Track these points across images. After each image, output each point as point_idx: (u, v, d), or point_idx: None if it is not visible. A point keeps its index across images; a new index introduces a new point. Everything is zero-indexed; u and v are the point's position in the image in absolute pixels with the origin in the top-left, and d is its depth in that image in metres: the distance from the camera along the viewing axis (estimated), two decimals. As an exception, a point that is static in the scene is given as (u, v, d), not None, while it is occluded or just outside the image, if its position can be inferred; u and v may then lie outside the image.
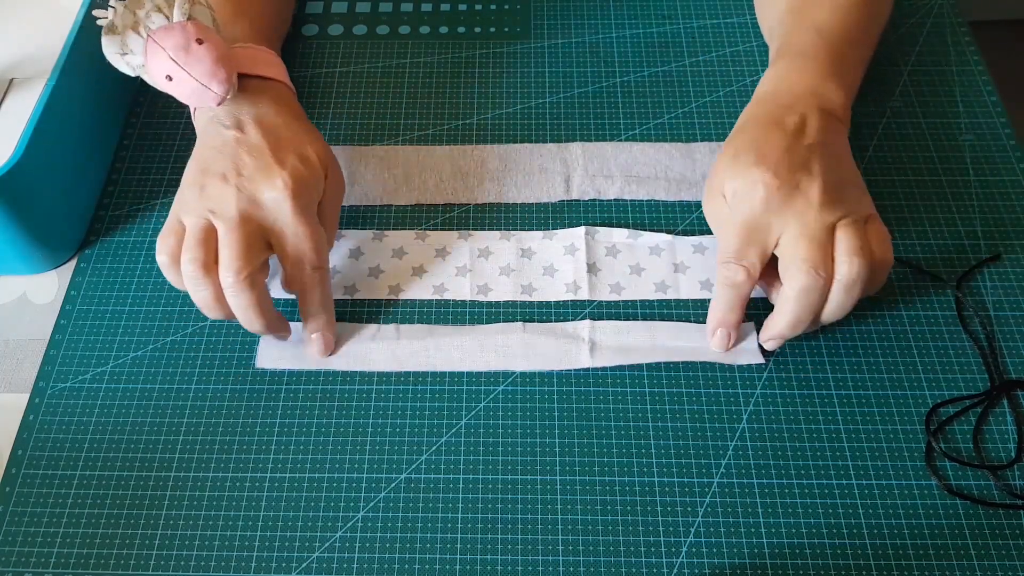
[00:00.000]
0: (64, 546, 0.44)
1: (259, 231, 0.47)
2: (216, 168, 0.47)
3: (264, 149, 0.48)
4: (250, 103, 0.49)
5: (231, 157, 0.47)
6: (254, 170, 0.47)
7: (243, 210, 0.46)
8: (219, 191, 0.46)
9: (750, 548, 0.43)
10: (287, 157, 0.48)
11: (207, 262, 0.45)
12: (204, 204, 0.46)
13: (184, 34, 0.45)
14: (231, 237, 0.46)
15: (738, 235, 0.47)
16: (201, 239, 0.46)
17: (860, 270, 0.44)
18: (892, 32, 0.65)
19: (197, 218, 0.46)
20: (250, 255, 0.46)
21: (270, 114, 0.49)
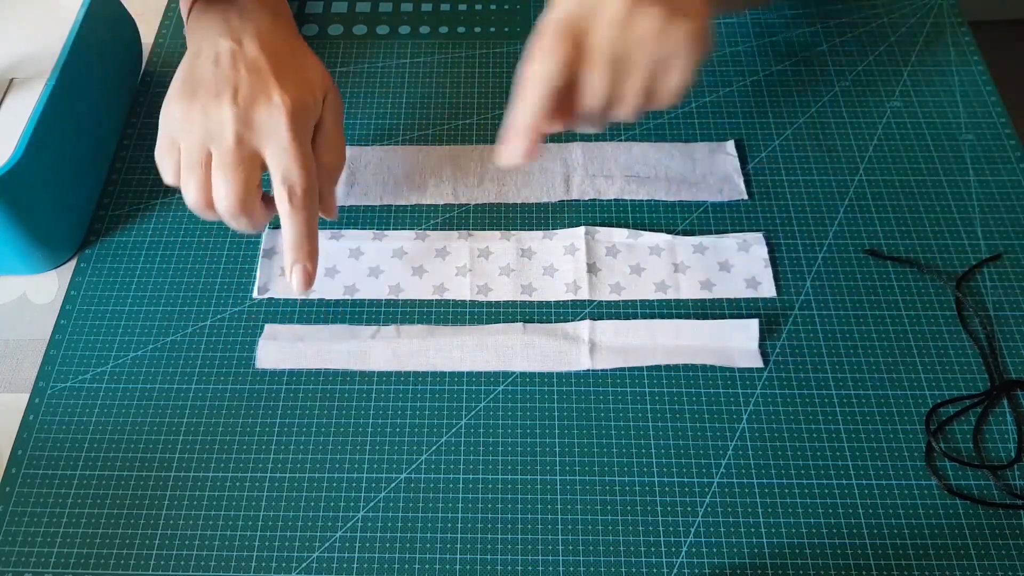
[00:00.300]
0: (64, 546, 0.44)
1: (254, 153, 0.46)
2: (211, 84, 0.46)
3: (263, 66, 0.47)
4: (248, 11, 0.49)
5: (228, 72, 0.46)
6: (252, 89, 0.46)
7: (239, 134, 0.45)
8: (215, 113, 0.45)
9: (750, 548, 0.43)
10: (288, 77, 0.47)
11: (207, 193, 0.46)
12: (200, 128, 0.46)
13: None
14: (228, 167, 0.45)
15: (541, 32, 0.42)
16: (200, 169, 0.46)
17: None
18: (892, 32, 0.65)
19: (192, 144, 0.46)
20: (248, 185, 0.46)
21: (268, 27, 0.49)
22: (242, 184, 0.45)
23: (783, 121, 0.60)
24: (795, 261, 0.53)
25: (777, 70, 0.63)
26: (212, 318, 0.51)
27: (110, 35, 0.60)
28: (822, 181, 0.57)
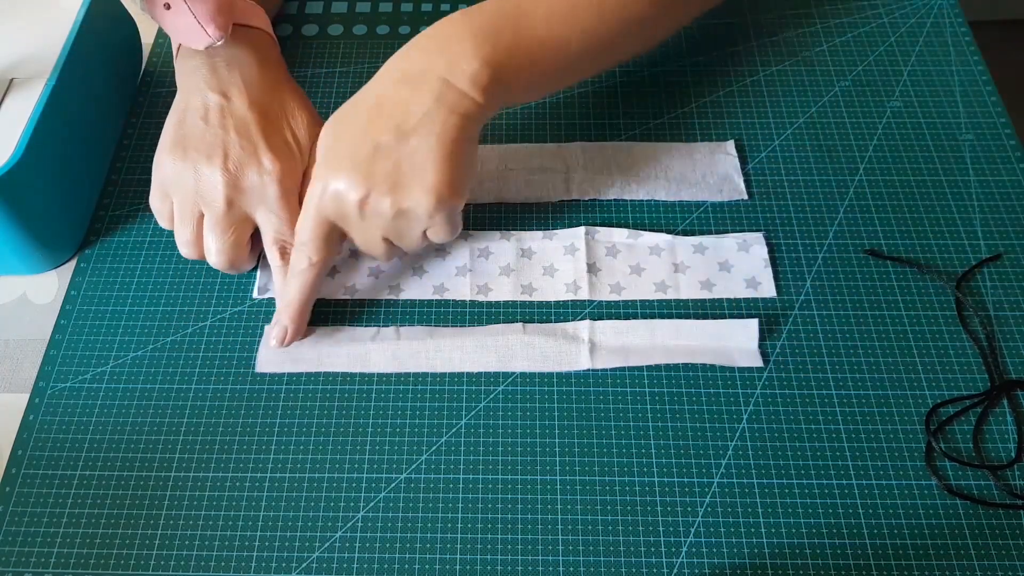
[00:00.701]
0: (64, 546, 0.44)
1: (245, 216, 0.49)
2: (202, 144, 0.48)
3: (251, 125, 0.49)
4: (236, 61, 0.50)
5: (218, 131, 0.48)
6: (241, 153, 0.48)
7: (230, 198, 0.48)
8: (207, 177, 0.48)
9: (750, 548, 0.43)
10: (274, 136, 0.49)
11: (200, 248, 0.50)
12: (192, 189, 0.48)
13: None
14: (220, 229, 0.49)
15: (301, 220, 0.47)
16: (192, 227, 0.49)
17: None
18: (892, 32, 0.65)
19: (185, 202, 0.49)
20: (238, 245, 0.49)
21: (256, 77, 0.50)
22: (232, 245, 0.49)
23: (783, 121, 0.60)
24: (795, 261, 0.53)
25: (777, 70, 0.64)
26: (212, 318, 0.51)
27: (110, 35, 0.60)
28: (822, 181, 0.57)
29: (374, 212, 0.45)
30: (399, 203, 0.45)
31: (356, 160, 0.45)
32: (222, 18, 0.47)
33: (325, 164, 0.46)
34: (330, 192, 0.46)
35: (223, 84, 0.49)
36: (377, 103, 0.46)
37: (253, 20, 0.51)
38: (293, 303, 0.48)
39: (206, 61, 0.49)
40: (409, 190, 0.45)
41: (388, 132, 0.45)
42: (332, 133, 0.47)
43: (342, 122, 0.47)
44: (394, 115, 0.45)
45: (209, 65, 0.49)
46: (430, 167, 0.45)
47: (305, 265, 0.48)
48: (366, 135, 0.45)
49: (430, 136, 0.45)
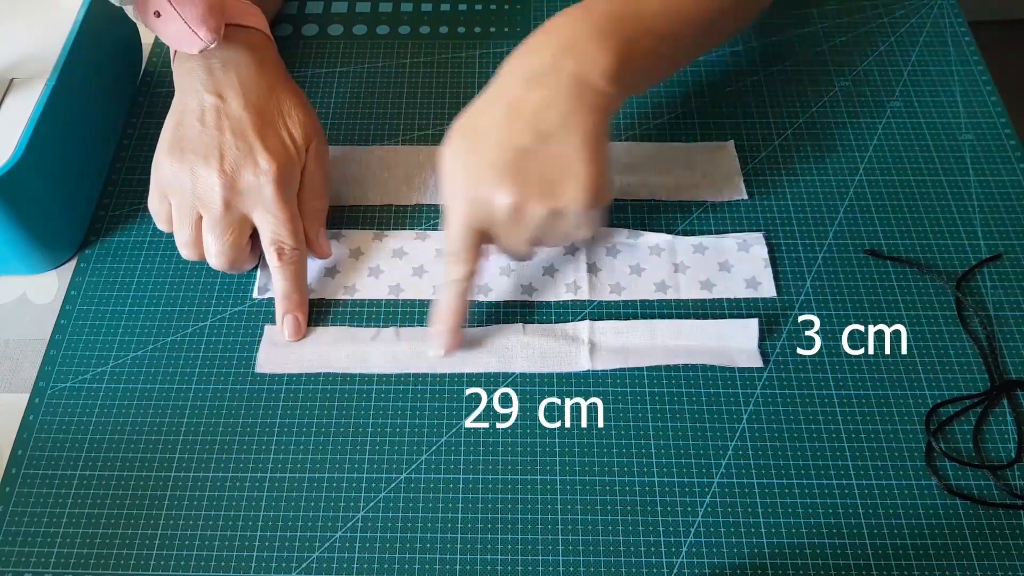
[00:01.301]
0: (64, 546, 0.44)
1: (242, 216, 0.49)
2: (199, 146, 0.48)
3: (246, 126, 0.49)
4: (232, 62, 0.50)
5: (214, 132, 0.48)
6: (237, 154, 0.48)
7: (227, 200, 0.48)
8: (204, 179, 0.48)
9: (750, 548, 0.43)
10: (269, 136, 0.49)
11: (199, 249, 0.50)
12: (190, 191, 0.48)
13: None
14: (218, 230, 0.49)
15: (452, 236, 0.47)
16: (190, 228, 0.49)
17: None
18: (892, 32, 0.65)
19: (183, 204, 0.49)
20: (237, 245, 0.50)
21: (252, 77, 0.50)
22: (231, 245, 0.49)
23: (783, 121, 0.60)
24: (795, 261, 0.53)
25: (777, 70, 0.64)
26: (212, 318, 0.51)
27: (110, 35, 0.60)
28: (822, 181, 0.57)
29: (528, 216, 0.45)
30: (554, 205, 0.44)
31: (502, 167, 0.44)
32: (213, 20, 0.47)
33: (467, 174, 0.45)
34: (479, 201, 0.45)
35: (219, 85, 0.49)
36: (510, 107, 0.45)
37: (248, 20, 0.51)
38: (445, 313, 0.48)
39: (202, 63, 0.50)
40: (562, 191, 0.44)
41: (529, 135, 0.44)
42: (465, 143, 0.46)
43: (474, 131, 0.46)
44: (532, 117, 0.44)
45: (205, 67, 0.49)
46: (579, 166, 0.44)
47: (459, 275, 0.47)
48: (507, 140, 0.44)
49: (574, 135, 0.44)
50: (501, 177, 0.44)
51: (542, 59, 0.45)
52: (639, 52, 0.46)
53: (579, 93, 0.44)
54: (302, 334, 0.50)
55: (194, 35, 0.46)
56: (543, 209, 0.44)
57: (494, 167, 0.44)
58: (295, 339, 0.50)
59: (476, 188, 0.45)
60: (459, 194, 0.46)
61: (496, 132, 0.45)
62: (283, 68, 0.53)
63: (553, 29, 0.46)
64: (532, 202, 0.44)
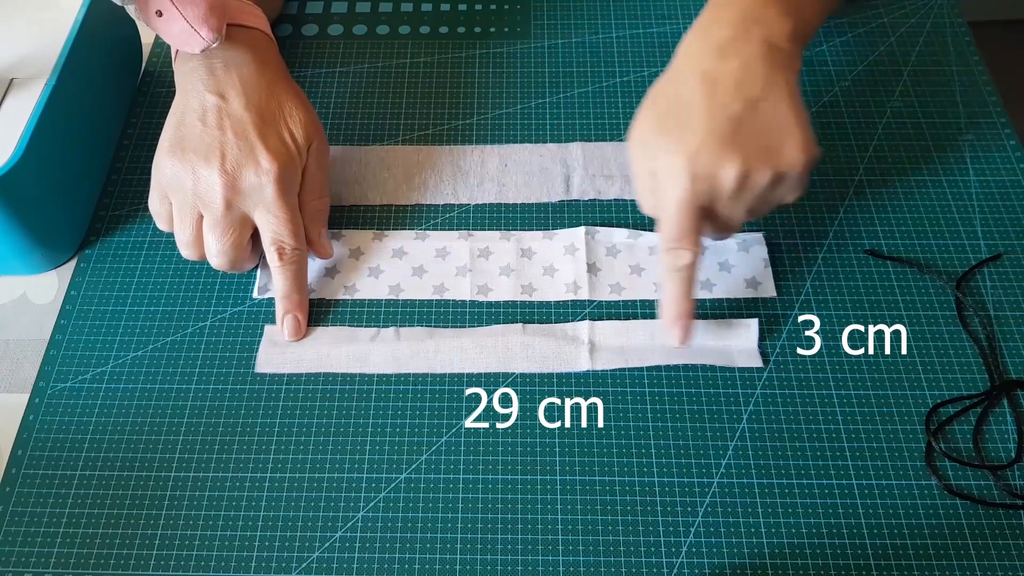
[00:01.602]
0: (64, 546, 0.44)
1: (243, 216, 0.49)
2: (200, 146, 0.48)
3: (247, 126, 0.49)
4: (233, 61, 0.50)
5: (215, 132, 0.48)
6: (238, 154, 0.48)
7: (228, 200, 0.48)
8: (205, 178, 0.48)
9: (750, 548, 0.43)
10: (270, 136, 0.49)
11: (200, 249, 0.50)
12: (191, 191, 0.48)
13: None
14: (219, 230, 0.49)
15: (674, 219, 0.46)
16: (191, 228, 0.49)
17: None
18: (892, 32, 0.65)
19: (184, 204, 0.49)
20: (238, 245, 0.50)
21: (253, 77, 0.50)
22: (232, 245, 0.49)
23: (783, 121, 0.60)
24: (795, 261, 0.53)
25: (777, 70, 0.63)
26: (212, 318, 0.51)
27: (110, 35, 0.60)
28: (822, 181, 0.57)
29: (752, 184, 0.44)
30: (776, 169, 0.44)
31: (722, 137, 0.44)
32: (215, 20, 0.47)
33: (684, 150, 0.44)
34: (702, 177, 0.44)
35: (220, 85, 0.49)
36: (706, 78, 0.45)
37: (250, 20, 0.51)
38: (680, 301, 0.47)
39: (203, 63, 0.50)
40: (782, 154, 0.44)
41: (738, 102, 0.44)
42: (669, 120, 0.45)
43: (674, 107, 0.45)
44: (736, 85, 0.44)
45: (206, 67, 0.49)
46: (792, 127, 0.44)
47: (688, 260, 0.46)
48: (718, 111, 0.44)
49: (780, 98, 0.45)
50: (724, 147, 0.44)
51: (727, 31, 0.46)
52: (809, 10, 0.48)
53: (772, 57, 0.45)
54: (302, 334, 0.50)
55: (196, 34, 0.46)
56: (768, 174, 0.44)
57: (714, 137, 0.44)
58: (295, 339, 0.50)
59: (698, 162, 0.44)
60: (677, 172, 0.44)
61: (702, 104, 0.45)
62: (284, 68, 0.53)
63: (726, 3, 0.47)
64: (757, 168, 0.44)
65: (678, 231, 0.45)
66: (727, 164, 0.43)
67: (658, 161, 0.45)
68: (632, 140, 0.47)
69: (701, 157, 0.44)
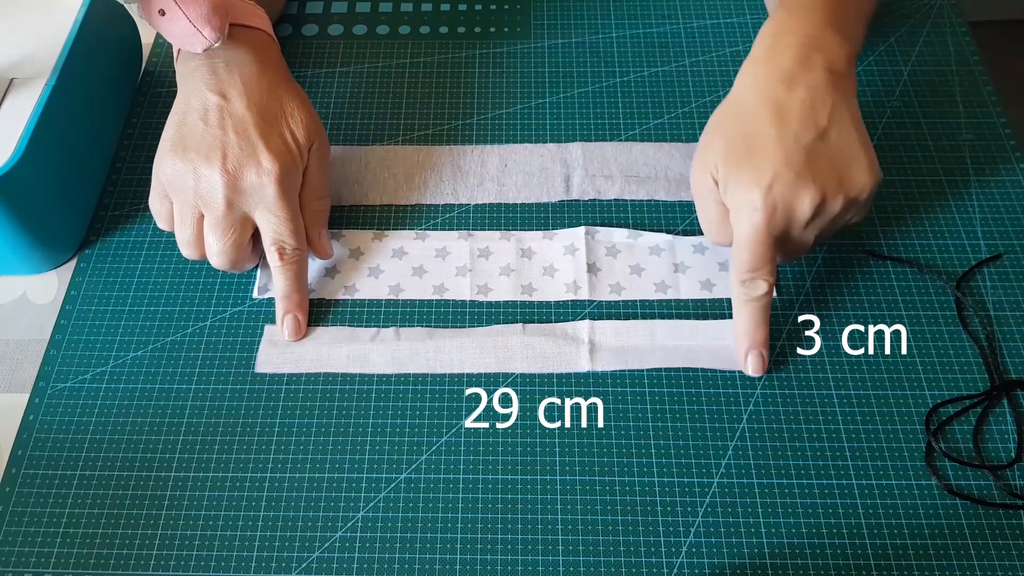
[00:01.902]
0: (64, 546, 0.44)
1: (244, 216, 0.49)
2: (201, 145, 0.48)
3: (249, 126, 0.49)
4: (235, 61, 0.50)
5: (217, 132, 0.48)
6: (240, 153, 0.48)
7: (229, 199, 0.48)
8: (207, 178, 0.48)
9: (750, 548, 0.43)
10: (272, 136, 0.49)
11: (201, 248, 0.50)
12: (192, 190, 0.48)
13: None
14: (220, 230, 0.49)
15: (749, 250, 0.46)
16: (192, 227, 0.49)
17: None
18: (892, 32, 0.65)
19: (185, 203, 0.49)
20: (238, 244, 0.49)
21: (255, 77, 0.50)
22: (233, 245, 0.49)
23: (783, 121, 0.60)
24: (795, 261, 0.53)
25: (777, 70, 0.63)
26: (212, 318, 0.51)
27: (110, 35, 0.60)
28: (822, 181, 0.57)
29: (827, 212, 0.45)
30: (848, 195, 0.45)
31: (800, 166, 0.44)
32: (218, 20, 0.47)
33: (761, 180, 0.45)
34: (779, 208, 0.45)
35: (222, 85, 0.49)
36: (777, 108, 0.46)
37: (252, 20, 0.51)
38: (746, 330, 0.47)
39: (205, 62, 0.50)
40: (853, 180, 0.45)
41: (810, 131, 0.45)
42: (742, 152, 0.46)
43: (746, 137, 0.46)
44: (806, 115, 0.45)
45: (208, 66, 0.49)
46: (859, 152, 0.46)
47: (764, 290, 0.47)
48: (791, 141, 0.45)
49: (846, 125, 0.46)
50: (800, 178, 0.44)
51: (790, 59, 0.47)
52: (858, 30, 0.50)
53: (835, 84, 0.46)
54: (302, 334, 0.50)
55: (198, 34, 0.46)
56: (842, 201, 0.45)
57: (789, 169, 0.44)
58: (295, 339, 0.50)
59: (775, 194, 0.44)
60: (754, 204, 0.45)
61: (773, 134, 0.45)
62: (286, 69, 0.53)
63: (787, 29, 0.48)
64: (832, 196, 0.45)
65: (754, 262, 0.46)
66: (804, 194, 0.44)
67: (731, 194, 0.46)
68: (697, 171, 0.48)
69: (778, 189, 0.44)
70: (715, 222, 0.49)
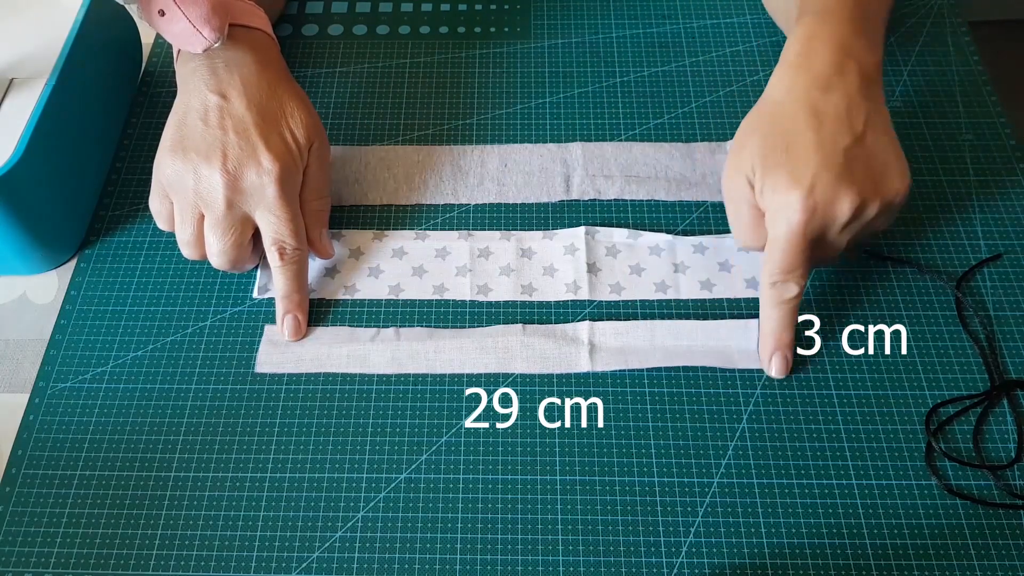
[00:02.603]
0: (64, 546, 0.44)
1: (245, 216, 0.49)
2: (201, 145, 0.48)
3: (249, 125, 0.49)
4: (235, 61, 0.50)
5: (217, 132, 0.48)
6: (240, 153, 0.48)
7: (229, 199, 0.48)
8: (207, 178, 0.48)
9: (750, 548, 0.43)
10: (272, 136, 0.49)
11: (201, 248, 0.50)
12: (192, 190, 0.48)
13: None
14: (220, 229, 0.49)
15: (784, 252, 0.46)
16: (193, 227, 0.49)
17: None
18: (892, 32, 0.65)
19: (185, 203, 0.49)
20: (239, 244, 0.49)
21: (254, 77, 0.50)
22: (234, 244, 0.49)
23: (783, 121, 0.60)
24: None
25: (777, 70, 0.63)
26: (212, 318, 0.51)
27: (110, 35, 0.60)
28: (822, 181, 0.57)
29: (864, 216, 0.45)
30: (885, 199, 0.45)
31: (838, 169, 0.44)
32: (217, 20, 0.47)
33: (797, 188, 0.44)
34: (818, 211, 0.44)
35: (222, 85, 0.49)
36: (814, 114, 0.46)
37: (252, 21, 0.51)
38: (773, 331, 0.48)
39: (205, 63, 0.50)
40: (888, 185, 0.45)
41: (847, 135, 0.45)
42: (768, 157, 0.46)
43: (780, 146, 0.46)
44: (841, 119, 0.46)
45: (208, 66, 0.49)
46: (893, 158, 0.46)
47: (795, 293, 0.47)
48: (829, 144, 0.45)
49: (880, 131, 0.46)
50: (840, 181, 0.44)
51: (825, 65, 0.47)
52: (881, 38, 0.50)
53: (867, 89, 0.46)
54: (302, 334, 0.50)
55: (198, 34, 0.46)
56: (878, 205, 0.45)
57: (829, 172, 0.44)
58: (295, 339, 0.50)
59: (814, 197, 0.44)
60: (793, 207, 0.45)
61: (811, 138, 0.45)
62: (286, 69, 0.53)
63: (819, 35, 0.48)
64: (870, 200, 0.45)
65: (788, 264, 0.46)
66: (844, 197, 0.44)
67: (768, 195, 0.46)
68: (731, 174, 0.48)
69: (818, 192, 0.44)
70: (749, 226, 0.48)
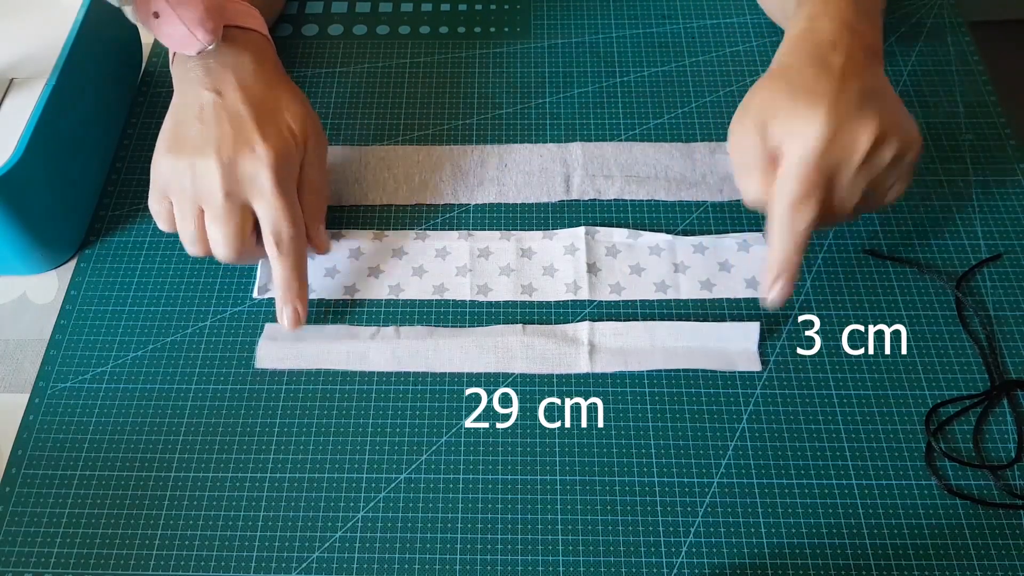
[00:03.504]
0: (64, 546, 0.44)
1: (243, 204, 0.48)
2: (196, 141, 0.48)
3: (245, 119, 0.48)
4: (230, 60, 0.50)
5: (212, 127, 0.48)
6: (235, 141, 0.48)
7: (226, 189, 0.47)
8: (203, 171, 0.47)
9: (750, 548, 0.43)
10: (268, 128, 0.49)
11: (204, 244, 0.49)
12: (189, 186, 0.48)
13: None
14: (221, 221, 0.48)
15: (800, 178, 0.45)
16: (193, 223, 0.48)
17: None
18: (892, 32, 0.65)
19: (183, 201, 0.48)
20: (241, 234, 0.48)
21: (250, 75, 0.50)
22: (235, 235, 0.48)
23: (783, 121, 0.60)
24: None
25: (777, 70, 0.63)
26: (212, 318, 0.51)
27: (110, 35, 0.60)
28: (822, 181, 0.57)
29: (880, 155, 0.44)
30: (903, 140, 0.45)
31: (855, 102, 0.44)
32: (211, 22, 0.47)
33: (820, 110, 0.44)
34: (838, 136, 0.44)
35: (216, 82, 0.49)
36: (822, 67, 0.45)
37: (247, 22, 0.51)
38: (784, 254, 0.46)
39: (200, 64, 0.49)
40: (907, 128, 0.45)
41: (859, 81, 0.45)
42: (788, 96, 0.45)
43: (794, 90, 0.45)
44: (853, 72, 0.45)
45: (203, 67, 0.49)
46: (904, 114, 0.46)
47: (811, 218, 0.45)
48: (853, 80, 0.45)
49: (890, 91, 0.47)
50: (861, 108, 0.44)
51: (830, 33, 0.47)
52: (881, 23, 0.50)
53: (873, 59, 0.47)
54: (301, 323, 0.50)
55: (192, 36, 0.46)
56: (896, 145, 0.44)
57: (848, 100, 0.44)
58: (294, 329, 0.50)
59: (837, 117, 0.43)
60: (813, 128, 0.44)
61: (826, 81, 0.45)
62: (281, 69, 0.53)
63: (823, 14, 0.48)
64: (890, 136, 0.44)
65: (804, 190, 0.44)
66: (865, 124, 0.44)
67: (784, 123, 0.45)
68: (737, 125, 0.47)
69: (841, 112, 0.44)
70: (759, 171, 0.47)
